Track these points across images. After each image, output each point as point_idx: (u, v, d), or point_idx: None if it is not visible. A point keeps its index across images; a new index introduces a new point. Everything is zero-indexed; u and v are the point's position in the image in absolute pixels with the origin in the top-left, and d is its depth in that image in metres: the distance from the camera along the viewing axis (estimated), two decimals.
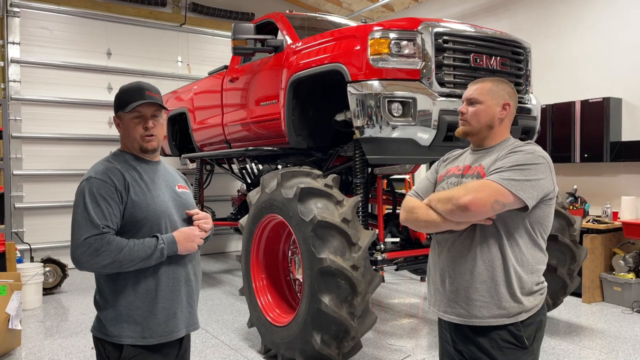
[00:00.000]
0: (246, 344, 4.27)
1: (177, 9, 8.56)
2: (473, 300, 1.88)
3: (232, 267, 7.65)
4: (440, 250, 2.02)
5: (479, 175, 1.92)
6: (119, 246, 1.81)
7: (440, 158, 2.23)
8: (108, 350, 1.91)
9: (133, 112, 1.97)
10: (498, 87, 2.02)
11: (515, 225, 1.87)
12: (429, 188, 2.11)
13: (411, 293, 6.05)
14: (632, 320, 4.85)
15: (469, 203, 1.77)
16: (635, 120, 5.70)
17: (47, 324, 4.90)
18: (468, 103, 2.04)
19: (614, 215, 5.69)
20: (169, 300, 1.95)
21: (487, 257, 1.87)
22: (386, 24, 3.70)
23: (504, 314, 1.85)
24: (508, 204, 1.79)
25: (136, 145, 2.00)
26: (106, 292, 1.92)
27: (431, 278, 2.08)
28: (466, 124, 2.04)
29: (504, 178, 1.80)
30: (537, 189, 1.82)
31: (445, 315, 1.98)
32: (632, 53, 5.71)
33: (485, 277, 1.87)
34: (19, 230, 7.05)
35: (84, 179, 1.91)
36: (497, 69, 3.92)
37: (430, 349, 4.14)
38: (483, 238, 1.88)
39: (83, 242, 1.79)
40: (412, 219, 2.00)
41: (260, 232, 4.10)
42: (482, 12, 7.45)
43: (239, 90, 5.31)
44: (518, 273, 1.86)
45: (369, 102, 3.57)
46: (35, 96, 7.29)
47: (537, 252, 1.91)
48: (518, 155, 1.86)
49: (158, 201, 1.96)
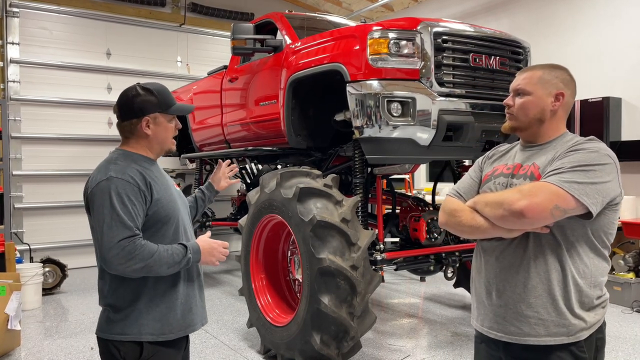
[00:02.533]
0: (246, 344, 4.27)
1: (177, 9, 8.56)
2: (526, 316, 1.67)
3: (232, 267, 7.65)
4: (486, 259, 1.79)
5: (532, 176, 1.70)
6: (151, 251, 1.81)
7: (485, 154, 2.00)
8: (124, 351, 1.87)
9: (173, 115, 2.02)
10: (550, 74, 1.76)
11: (575, 233, 1.65)
12: (473, 188, 1.89)
13: (411, 293, 6.05)
14: (632, 320, 4.85)
15: (524, 209, 1.54)
16: (635, 120, 5.70)
17: (47, 325, 4.89)
18: (515, 94, 1.80)
19: None
20: (186, 295, 1.98)
21: (542, 268, 1.66)
22: (385, 24, 3.70)
23: (564, 332, 1.64)
24: (570, 210, 1.57)
25: (166, 147, 2.04)
26: (125, 291, 1.89)
27: (474, 289, 1.87)
28: (513, 119, 1.80)
29: (564, 180, 1.57)
30: (603, 194, 1.60)
31: (491, 332, 1.76)
32: (631, 52, 5.71)
33: (541, 290, 1.66)
34: (18, 231, 7.05)
35: (102, 179, 1.83)
36: (496, 69, 3.92)
37: (430, 349, 4.14)
38: (538, 247, 1.66)
39: (117, 244, 1.76)
40: (453, 223, 1.77)
41: (259, 232, 4.10)
42: (482, 12, 7.45)
43: (239, 90, 5.30)
44: (578, 286, 1.65)
45: (368, 102, 3.57)
46: (35, 96, 7.29)
47: (601, 262, 1.69)
48: (580, 154, 1.62)
49: (173, 199, 2.01)
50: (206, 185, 2.55)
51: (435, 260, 4.48)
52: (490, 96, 3.88)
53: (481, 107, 3.79)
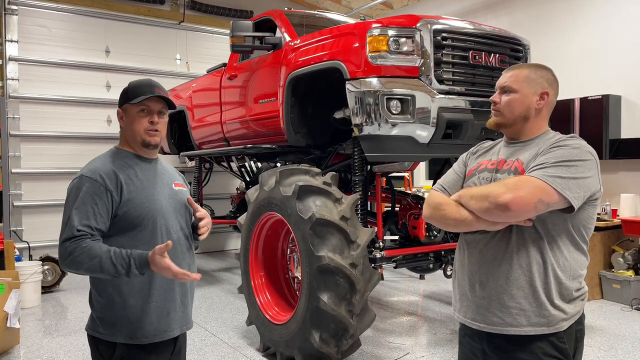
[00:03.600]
0: (245, 342, 4.27)
1: (176, 6, 8.54)
2: (508, 307, 1.72)
3: (231, 265, 7.65)
4: (470, 252, 1.84)
5: (516, 171, 1.75)
6: (91, 255, 1.75)
7: (470, 149, 2.03)
8: (102, 349, 1.91)
9: (140, 105, 1.96)
10: (536, 73, 1.82)
11: (556, 227, 1.70)
12: (457, 182, 1.92)
13: (410, 291, 6.05)
14: (631, 318, 4.85)
15: (509, 202, 1.58)
16: (635, 118, 5.69)
17: (46, 323, 4.89)
18: (501, 91, 1.85)
19: (613, 213, 5.69)
20: (162, 299, 1.94)
21: (524, 260, 1.70)
22: (385, 21, 3.69)
23: (544, 323, 1.69)
24: (553, 204, 1.62)
25: (139, 138, 1.98)
26: (100, 291, 1.91)
27: (457, 282, 1.90)
28: (499, 115, 1.85)
29: (548, 175, 1.62)
30: (584, 189, 1.64)
31: (474, 323, 1.81)
32: (631, 50, 5.70)
33: (523, 282, 1.71)
34: (17, 229, 7.04)
35: (76, 177, 1.91)
36: (496, 66, 3.91)
37: (429, 346, 4.14)
38: (520, 240, 1.71)
39: (62, 244, 1.81)
40: (438, 216, 1.80)
41: (259, 230, 4.10)
42: (481, 9, 7.44)
43: (238, 88, 5.29)
44: (558, 278, 1.70)
45: (367, 100, 3.56)
46: (34, 94, 7.26)
47: (580, 256, 1.75)
48: (563, 150, 1.68)
49: (153, 200, 1.95)
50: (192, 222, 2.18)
51: (434, 258, 4.48)
52: (490, 94, 3.85)
53: (480, 105, 3.79)
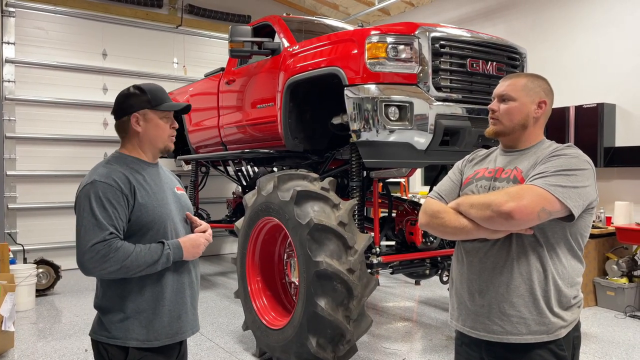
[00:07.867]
0: (241, 346, 4.26)
1: (174, 10, 8.55)
2: (509, 315, 1.71)
3: (228, 270, 7.63)
4: (469, 260, 1.82)
5: (515, 180, 1.74)
6: (126, 252, 1.79)
7: (465, 157, 2.03)
8: (112, 353, 1.89)
9: (164, 112, 1.99)
10: (534, 83, 1.84)
11: (555, 235, 1.71)
12: (454, 190, 1.91)
13: (406, 296, 6.06)
14: (625, 325, 4.88)
15: (513, 210, 1.58)
16: (629, 126, 5.75)
17: (40, 326, 4.86)
18: (500, 100, 1.86)
19: (608, 220, 5.73)
20: (174, 303, 1.96)
21: (524, 269, 1.71)
22: (384, 28, 3.72)
23: (544, 331, 1.69)
24: (554, 213, 1.62)
25: (161, 145, 2.01)
26: (112, 295, 1.90)
27: (455, 290, 1.89)
28: (497, 123, 1.85)
29: (550, 184, 1.62)
30: (583, 197, 1.66)
31: (472, 331, 1.79)
32: (626, 59, 5.76)
33: (523, 290, 1.71)
34: (12, 231, 7.00)
35: (87, 183, 1.86)
36: (493, 74, 3.95)
37: (425, 352, 4.15)
38: (521, 248, 1.71)
39: (90, 248, 1.76)
40: (436, 224, 1.79)
41: (256, 235, 4.10)
42: (478, 17, 7.49)
43: (236, 93, 5.30)
44: (558, 286, 1.72)
45: (365, 106, 3.58)
46: (30, 96, 7.25)
47: (577, 263, 1.77)
48: (562, 159, 1.69)
49: (162, 204, 1.96)
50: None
51: (430, 264, 4.50)
52: (487, 101, 3.90)
53: (478, 112, 3.82)
